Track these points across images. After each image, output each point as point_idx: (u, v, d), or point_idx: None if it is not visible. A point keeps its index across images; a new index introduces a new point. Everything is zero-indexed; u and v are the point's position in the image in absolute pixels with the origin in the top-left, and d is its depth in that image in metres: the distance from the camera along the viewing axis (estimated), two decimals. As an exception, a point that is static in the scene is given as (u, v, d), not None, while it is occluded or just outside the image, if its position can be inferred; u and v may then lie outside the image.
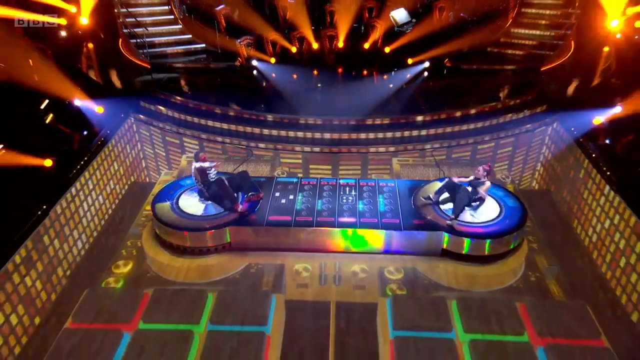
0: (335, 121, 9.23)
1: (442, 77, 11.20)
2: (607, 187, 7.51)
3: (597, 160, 7.87)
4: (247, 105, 9.76)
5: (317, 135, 9.12)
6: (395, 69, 11.31)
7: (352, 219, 6.69)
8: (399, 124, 9.22)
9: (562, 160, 9.20)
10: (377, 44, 11.81)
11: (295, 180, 7.53)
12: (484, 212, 6.75)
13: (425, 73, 11.10)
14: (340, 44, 11.85)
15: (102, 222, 8.53)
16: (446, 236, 6.47)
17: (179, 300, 5.81)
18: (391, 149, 8.98)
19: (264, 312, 5.69)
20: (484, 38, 11.71)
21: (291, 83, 11.04)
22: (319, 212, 6.82)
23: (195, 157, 6.82)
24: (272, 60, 11.49)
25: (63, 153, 7.92)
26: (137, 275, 6.57)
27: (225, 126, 9.40)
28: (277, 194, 7.19)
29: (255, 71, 11.35)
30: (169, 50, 12.02)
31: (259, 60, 11.44)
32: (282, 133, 9.15)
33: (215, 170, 6.92)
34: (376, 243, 6.65)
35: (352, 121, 9.24)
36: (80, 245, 7.76)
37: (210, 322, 5.60)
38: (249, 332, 5.43)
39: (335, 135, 9.12)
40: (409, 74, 11.05)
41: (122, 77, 10.97)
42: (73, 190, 7.67)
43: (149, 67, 11.29)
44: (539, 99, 9.90)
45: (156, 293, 5.94)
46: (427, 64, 11.13)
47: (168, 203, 6.99)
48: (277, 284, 6.39)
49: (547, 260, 6.77)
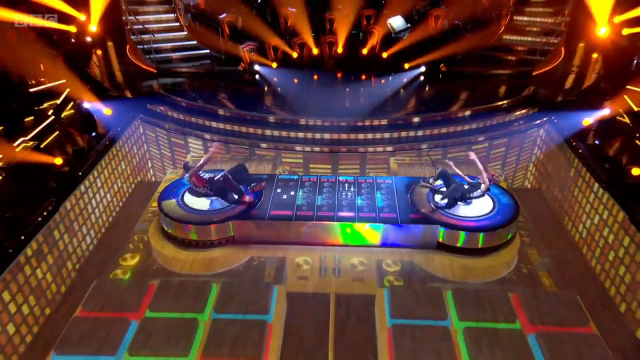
0: (335, 122, 9.30)
1: (438, 81, 11.29)
2: (597, 185, 7.60)
3: (587, 159, 7.96)
4: (250, 107, 9.83)
5: (317, 135, 9.18)
6: (393, 73, 11.43)
7: (351, 214, 6.74)
8: (396, 125, 9.28)
9: (553, 159, 9.29)
10: (375, 50, 11.91)
11: (296, 177, 7.57)
12: (478, 207, 6.82)
13: (422, 77, 11.22)
14: (340, 50, 11.95)
15: (110, 218, 8.61)
16: (442, 230, 6.52)
17: (184, 291, 5.85)
18: (389, 149, 9.05)
19: (266, 302, 5.73)
20: (477, 44, 11.83)
21: (292, 87, 11.14)
22: (319, 207, 6.87)
23: (185, 168, 6.80)
24: (274, 65, 11.59)
25: (73, 152, 8.02)
26: (143, 268, 6.60)
27: (228, 127, 9.47)
28: (279, 190, 7.24)
29: (257, 75, 11.46)
30: (174, 55, 12.13)
31: (261, 65, 11.54)
32: (284, 133, 9.21)
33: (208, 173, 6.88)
34: (374, 236, 6.70)
35: (351, 122, 9.31)
36: (88, 240, 7.84)
37: (214, 311, 5.65)
38: (252, 321, 5.46)
39: (335, 136, 9.18)
40: (405, 78, 11.16)
41: (130, 81, 11.09)
42: (82, 188, 7.76)
43: (156, 71, 11.41)
44: (530, 102, 9.98)
45: (162, 284, 5.98)
46: (423, 68, 11.25)
47: (174, 200, 7.05)
48: (279, 276, 6.44)
49: (539, 253, 6.82)
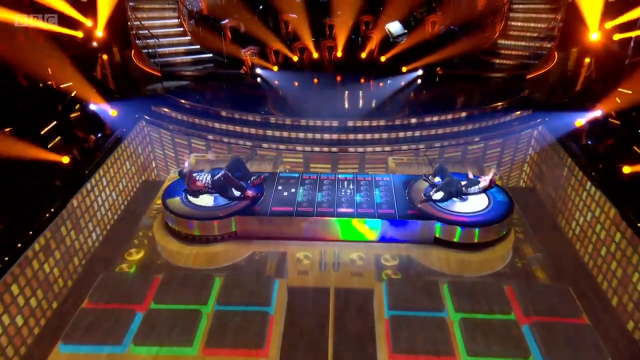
0: (335, 123, 9.38)
1: (435, 84, 11.39)
2: (589, 183, 7.67)
3: (579, 158, 8.04)
4: (251, 108, 9.91)
5: (317, 136, 9.25)
6: (390, 76, 11.53)
7: (350, 210, 6.80)
8: (395, 126, 9.36)
9: (547, 159, 9.37)
10: (374, 54, 12.04)
11: (296, 175, 7.64)
12: (474, 204, 6.88)
13: (419, 80, 11.32)
14: (339, 54, 12.06)
15: (115, 216, 8.66)
16: (438, 225, 6.58)
17: (187, 283, 5.92)
18: (387, 149, 9.12)
19: (267, 294, 5.79)
20: (473, 48, 11.94)
21: (293, 89, 11.22)
22: (319, 204, 6.92)
23: (180, 175, 6.80)
24: (275, 68, 11.69)
25: (80, 151, 8.09)
26: (148, 262, 6.66)
27: (231, 128, 9.54)
28: (280, 187, 7.29)
29: (259, 78, 11.55)
30: (178, 59, 12.22)
31: (263, 68, 11.64)
32: (285, 134, 9.28)
33: (203, 176, 6.89)
34: (372, 232, 6.76)
35: (350, 123, 9.39)
36: (94, 237, 7.89)
37: (217, 302, 5.71)
38: (254, 312, 5.51)
39: (335, 136, 9.25)
40: (403, 81, 11.25)
41: (135, 84, 11.19)
42: (88, 186, 7.82)
43: (160, 75, 11.51)
44: (525, 104, 10.08)
45: (166, 277, 6.04)
46: (420, 71, 11.35)
47: (178, 198, 7.10)
48: (280, 270, 6.50)
49: (533, 248, 6.88)
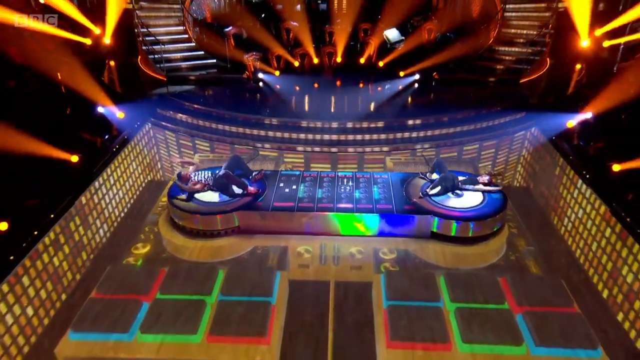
0: (335, 124, 9.48)
1: (431, 88, 11.52)
2: (580, 181, 7.74)
3: (571, 158, 8.13)
4: (254, 111, 10.03)
5: (317, 136, 9.34)
6: (388, 80, 11.66)
7: (349, 205, 6.89)
8: (392, 127, 9.45)
9: (539, 159, 9.45)
10: (372, 59, 12.20)
11: (297, 173, 7.73)
12: (469, 200, 6.96)
13: (416, 84, 11.45)
14: (339, 59, 12.22)
15: (122, 214, 8.73)
16: (435, 220, 6.67)
17: (192, 275, 6.00)
18: (385, 149, 9.20)
19: (269, 285, 5.86)
20: (468, 54, 12.09)
21: (294, 92, 11.34)
22: (320, 200, 7.01)
23: (179, 177, 6.86)
24: (277, 73, 11.84)
25: (88, 151, 8.18)
26: (154, 255, 6.74)
27: (234, 129, 9.64)
28: (282, 184, 7.38)
29: (261, 82, 11.69)
30: (183, 64, 12.38)
31: (265, 73, 11.78)
32: (286, 135, 9.37)
33: (202, 175, 6.97)
34: (371, 226, 6.83)
35: (349, 124, 9.50)
36: (102, 233, 7.95)
37: (221, 293, 5.77)
38: (256, 302, 5.58)
39: (334, 137, 9.35)
40: (400, 85, 11.38)
41: (141, 88, 11.32)
42: (96, 184, 7.89)
43: (165, 79, 11.66)
44: (518, 106, 10.18)
45: (172, 269, 6.12)
46: (417, 76, 11.48)
47: (184, 196, 7.18)
48: (281, 264, 6.57)
49: (526, 243, 6.96)
